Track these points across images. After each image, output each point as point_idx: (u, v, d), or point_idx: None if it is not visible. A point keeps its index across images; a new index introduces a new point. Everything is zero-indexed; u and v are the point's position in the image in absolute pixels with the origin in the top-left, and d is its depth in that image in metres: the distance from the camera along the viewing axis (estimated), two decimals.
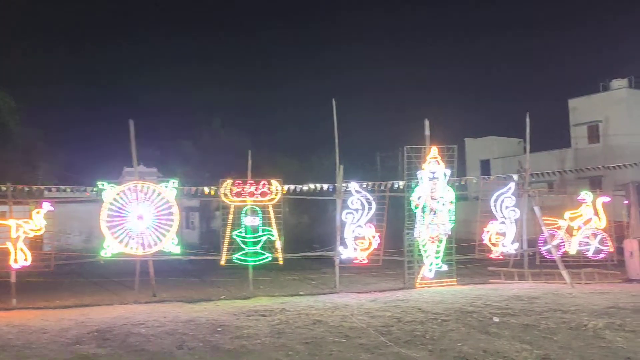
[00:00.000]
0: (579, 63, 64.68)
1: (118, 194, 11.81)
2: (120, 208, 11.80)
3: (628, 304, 9.69)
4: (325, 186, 14.30)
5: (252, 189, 12.15)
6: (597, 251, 13.82)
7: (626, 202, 14.00)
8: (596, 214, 13.81)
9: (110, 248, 11.70)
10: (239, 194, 12.13)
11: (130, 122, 12.29)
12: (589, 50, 68.23)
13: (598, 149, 29.89)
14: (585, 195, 13.96)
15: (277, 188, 12.28)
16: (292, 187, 13.95)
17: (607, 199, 14.32)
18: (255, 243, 12.13)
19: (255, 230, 12.15)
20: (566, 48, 71.76)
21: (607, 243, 13.82)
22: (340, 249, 12.59)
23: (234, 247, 12.16)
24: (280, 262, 12.44)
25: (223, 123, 36.77)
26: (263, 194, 12.18)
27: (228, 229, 12.11)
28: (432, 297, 11.14)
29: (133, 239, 11.76)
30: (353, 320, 8.79)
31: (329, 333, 7.95)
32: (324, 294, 12.32)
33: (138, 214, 11.79)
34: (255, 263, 12.23)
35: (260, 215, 12.18)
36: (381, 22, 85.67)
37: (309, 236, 26.44)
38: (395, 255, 13.41)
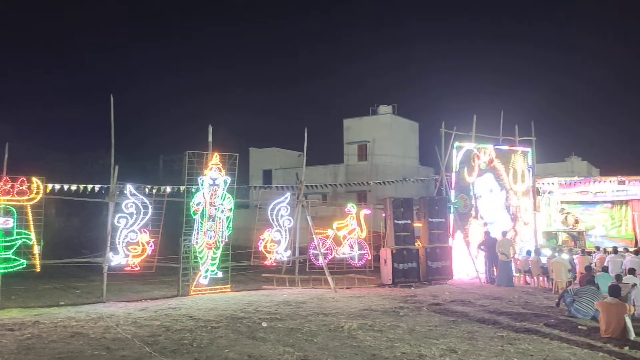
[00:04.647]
0: (356, 87, 71.58)
1: None
2: None
3: (379, 306, 10.90)
4: (97, 187, 13.33)
5: (8, 186, 10.70)
6: (359, 258, 15.28)
7: (384, 214, 15.70)
8: (359, 224, 15.28)
9: None
10: None
11: None
12: (365, 76, 75.98)
13: (365, 166, 33.15)
14: (351, 207, 15.36)
15: (38, 187, 11.00)
16: (57, 186, 12.71)
17: (368, 211, 15.95)
18: (7, 248, 10.68)
19: (8, 233, 10.71)
20: (345, 71, 78.78)
21: (366, 251, 15.35)
22: (110, 255, 11.80)
23: None
24: (38, 269, 11.15)
25: None
26: (20, 193, 10.80)
27: None
28: (205, 304, 11.08)
29: None
30: (118, 331, 8.28)
31: (89, 346, 7.35)
32: (89, 303, 11.42)
33: None
34: (6, 270, 10.76)
35: (15, 216, 10.76)
36: (174, 27, 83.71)
37: (78, 240, 24.40)
38: (171, 261, 13.04)
